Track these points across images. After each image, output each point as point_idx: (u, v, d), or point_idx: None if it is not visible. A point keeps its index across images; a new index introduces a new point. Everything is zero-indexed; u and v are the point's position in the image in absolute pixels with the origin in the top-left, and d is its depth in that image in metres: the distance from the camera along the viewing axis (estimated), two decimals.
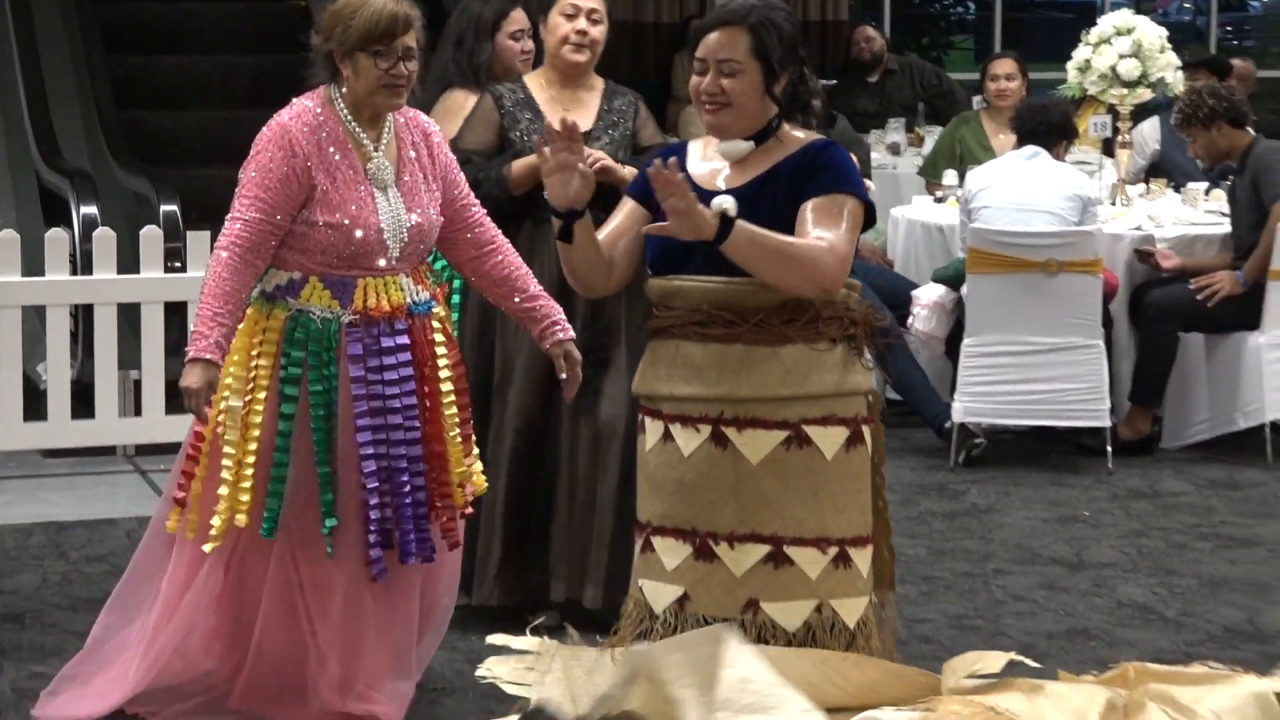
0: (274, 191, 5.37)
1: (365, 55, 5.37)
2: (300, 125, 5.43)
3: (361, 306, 5.41)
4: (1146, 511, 8.15)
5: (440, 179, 5.59)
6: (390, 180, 5.47)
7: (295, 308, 5.41)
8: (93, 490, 8.26)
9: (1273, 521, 7.98)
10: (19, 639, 6.32)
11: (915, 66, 13.56)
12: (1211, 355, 9.08)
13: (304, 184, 5.38)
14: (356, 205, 5.39)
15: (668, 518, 4.77)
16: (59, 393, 8.50)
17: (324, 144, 5.42)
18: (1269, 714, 4.39)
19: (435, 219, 5.53)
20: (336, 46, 5.43)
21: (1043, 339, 8.67)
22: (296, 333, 5.40)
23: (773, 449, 4.71)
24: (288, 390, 5.38)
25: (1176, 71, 9.71)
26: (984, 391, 8.76)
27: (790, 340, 4.71)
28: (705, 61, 4.78)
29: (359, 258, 5.41)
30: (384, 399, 5.39)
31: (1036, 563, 7.40)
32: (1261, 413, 8.87)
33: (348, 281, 5.42)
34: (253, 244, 5.33)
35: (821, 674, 4.53)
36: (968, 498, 8.37)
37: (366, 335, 5.41)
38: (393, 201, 5.45)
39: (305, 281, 5.43)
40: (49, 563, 7.19)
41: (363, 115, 5.48)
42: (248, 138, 11.77)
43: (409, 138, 5.56)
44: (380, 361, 5.40)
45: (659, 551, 4.78)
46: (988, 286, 8.73)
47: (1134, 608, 6.85)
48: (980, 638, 6.47)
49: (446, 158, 5.65)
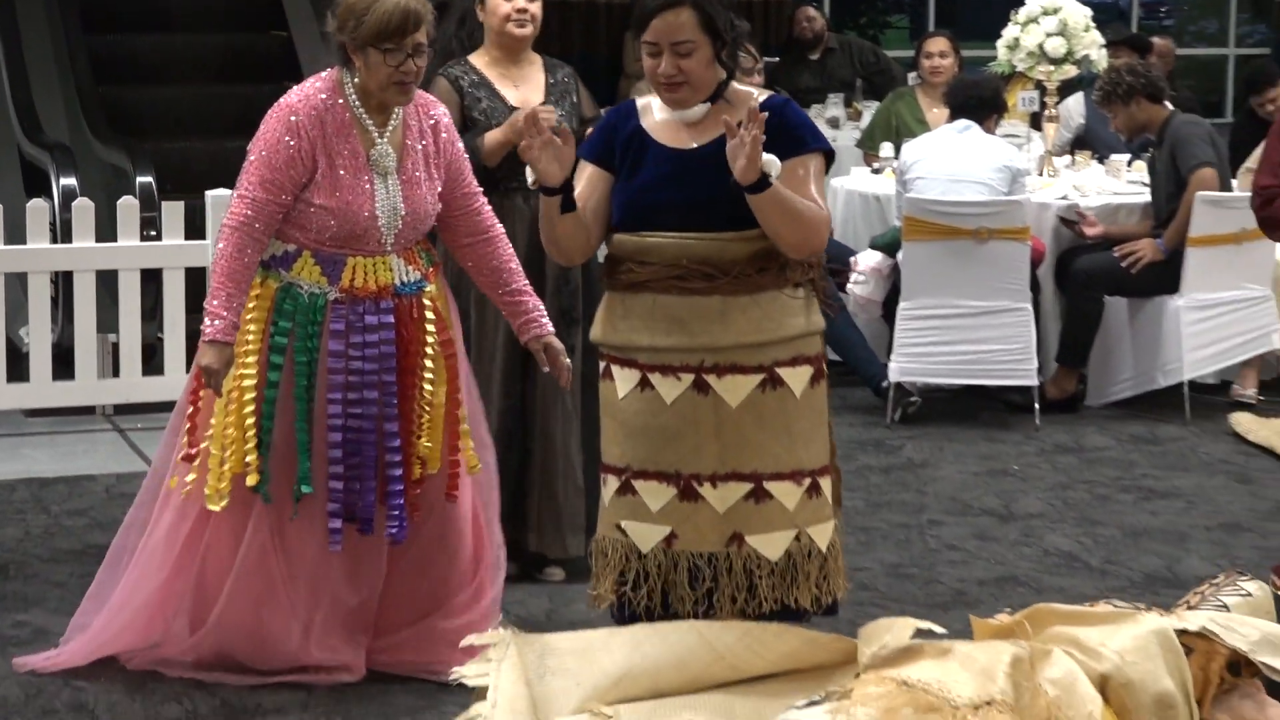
0: (279, 171, 5.27)
1: (376, 51, 5.22)
2: (308, 108, 5.31)
3: (349, 285, 5.33)
4: (1072, 465, 8.14)
5: (444, 167, 5.47)
6: (392, 168, 5.36)
7: (286, 280, 5.35)
8: (73, 448, 8.20)
9: (1190, 474, 7.98)
10: (3, 589, 6.30)
11: (854, 45, 13.55)
12: (1133, 318, 9.08)
13: (307, 166, 5.29)
14: (354, 191, 5.30)
15: (650, 461, 4.75)
16: (40, 355, 8.50)
17: (329, 128, 5.31)
18: (1169, 650, 4.32)
19: (432, 207, 5.43)
20: (349, 39, 5.26)
21: (974, 303, 8.66)
22: (285, 304, 5.34)
23: (750, 392, 4.74)
24: (274, 359, 5.33)
25: (1100, 49, 9.77)
26: (919, 352, 8.74)
27: (764, 288, 4.74)
28: (658, 45, 4.70)
29: (351, 239, 5.33)
30: (361, 374, 5.32)
31: (968, 514, 7.39)
32: (1180, 371, 8.87)
33: (338, 259, 5.34)
34: (258, 222, 5.26)
35: (745, 645, 4.50)
36: (903, 453, 8.34)
37: (351, 313, 5.33)
38: (391, 189, 5.35)
39: (299, 255, 5.35)
40: (31, 517, 7.17)
41: (371, 103, 5.35)
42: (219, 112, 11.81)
43: (416, 125, 5.44)
44: (363, 339, 5.33)
45: (641, 494, 4.76)
46: (922, 253, 8.69)
47: (1060, 556, 6.85)
48: (915, 585, 6.48)
49: (453, 147, 5.52)
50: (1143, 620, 4.40)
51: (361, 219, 5.30)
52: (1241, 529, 7.15)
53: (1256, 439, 8.42)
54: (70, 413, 8.58)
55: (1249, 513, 7.38)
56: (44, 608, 6.09)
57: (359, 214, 5.30)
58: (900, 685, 4.14)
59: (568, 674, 4.47)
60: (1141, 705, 4.25)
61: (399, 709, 5.24)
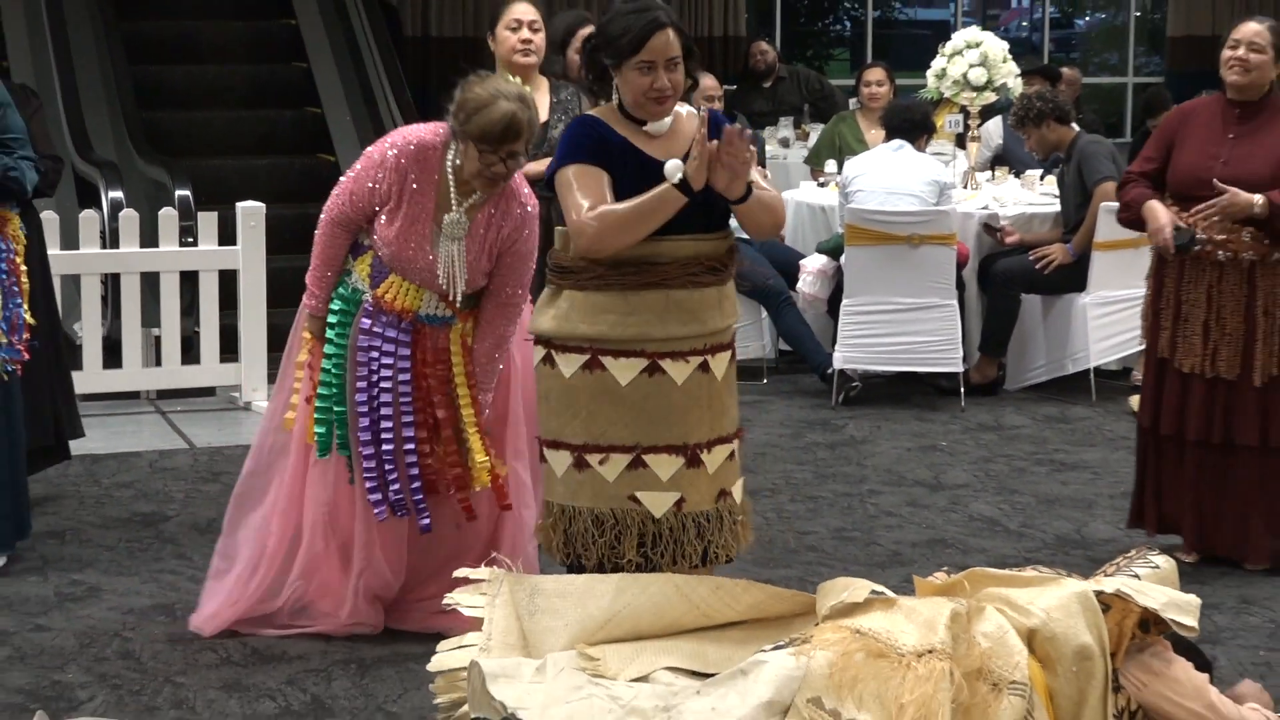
0: (361, 190, 5.24)
1: (475, 147, 5.07)
2: (411, 148, 5.20)
3: (380, 294, 5.28)
4: (993, 441, 8.11)
5: (498, 254, 5.28)
6: (461, 236, 5.22)
7: (349, 266, 5.36)
8: (120, 428, 8.16)
9: (1096, 449, 7.96)
10: (60, 552, 6.27)
11: (801, 74, 13.52)
12: (1046, 313, 9.07)
13: (382, 197, 5.22)
14: (406, 237, 5.21)
15: (660, 437, 4.66)
16: (92, 347, 8.49)
17: (417, 174, 5.19)
18: (1089, 610, 4.30)
19: (477, 284, 5.29)
20: (457, 127, 5.12)
21: (907, 300, 8.63)
22: (341, 289, 5.35)
23: (727, 365, 4.76)
24: (330, 334, 5.34)
25: (1016, 78, 9.74)
26: (859, 343, 8.71)
27: (731, 276, 4.77)
28: (654, 63, 4.62)
29: (404, 269, 5.26)
30: (375, 373, 5.27)
31: (903, 484, 7.37)
32: (1087, 359, 8.85)
33: (385, 271, 5.29)
34: (342, 221, 5.31)
35: (717, 596, 4.48)
36: (846, 431, 8.30)
37: (376, 318, 5.28)
38: (458, 254, 5.22)
39: (366, 251, 5.34)
40: (84, 488, 7.13)
41: (458, 180, 5.22)
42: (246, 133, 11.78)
43: (493, 211, 5.25)
44: (380, 345, 5.28)
45: (651, 466, 4.66)
46: (862, 256, 8.65)
47: (983, 521, 6.82)
48: (857, 547, 6.45)
49: (520, 241, 5.30)
50: (1066, 584, 4.38)
51: (406, 263, 5.22)
52: None
53: None
54: (118, 397, 8.56)
55: None
56: (96, 568, 6.07)
57: (406, 259, 5.21)
58: (854, 634, 4.11)
59: (556, 614, 4.44)
60: (1064, 656, 4.24)
61: (407, 654, 5.20)
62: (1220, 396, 6.02)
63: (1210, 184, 5.90)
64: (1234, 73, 6.01)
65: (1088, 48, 20.22)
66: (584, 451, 4.66)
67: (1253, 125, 6.01)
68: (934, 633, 4.10)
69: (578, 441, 4.66)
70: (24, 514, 6.18)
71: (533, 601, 4.48)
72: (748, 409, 8.40)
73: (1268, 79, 6.03)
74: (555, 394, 4.67)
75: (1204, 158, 6.00)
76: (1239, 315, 5.97)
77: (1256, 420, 6.02)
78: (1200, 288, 6.00)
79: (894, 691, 3.97)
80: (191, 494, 7.02)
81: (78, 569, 6.05)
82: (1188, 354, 6.02)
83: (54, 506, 6.79)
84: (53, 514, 6.69)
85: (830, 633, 4.13)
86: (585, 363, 4.64)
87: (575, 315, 4.62)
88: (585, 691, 4.15)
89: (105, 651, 5.27)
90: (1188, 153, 6.05)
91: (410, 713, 4.81)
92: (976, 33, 9.84)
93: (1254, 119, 6.02)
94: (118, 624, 5.51)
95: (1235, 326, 5.97)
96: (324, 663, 5.19)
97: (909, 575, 4.87)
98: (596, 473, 4.64)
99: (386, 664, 5.17)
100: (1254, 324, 5.97)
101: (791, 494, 7.15)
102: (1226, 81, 6.05)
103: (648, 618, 4.41)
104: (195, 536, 6.43)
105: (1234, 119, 6.04)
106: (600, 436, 4.64)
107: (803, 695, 3.95)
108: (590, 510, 4.66)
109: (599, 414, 4.63)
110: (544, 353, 4.69)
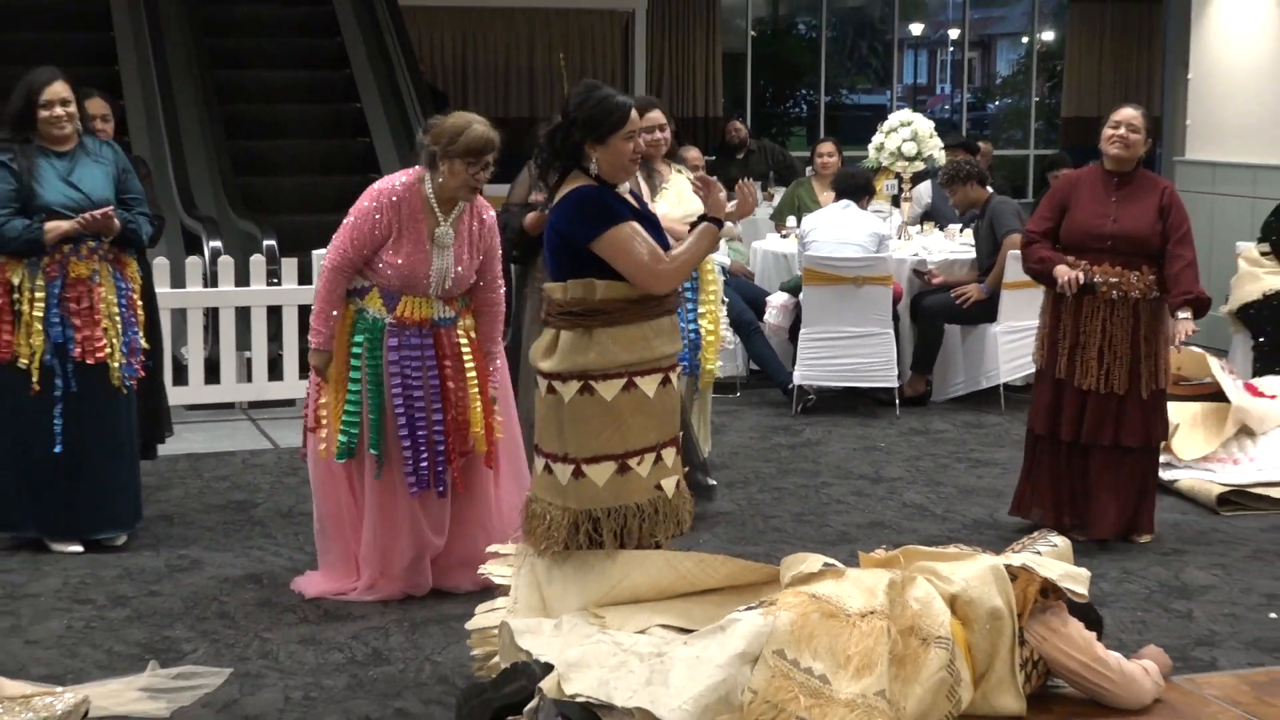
0: (363, 235, 5.23)
1: (461, 162, 5.15)
2: (392, 193, 5.23)
3: (400, 314, 5.29)
4: (922, 443, 8.08)
5: (482, 252, 5.40)
6: (449, 244, 5.28)
7: (360, 305, 5.30)
8: (218, 432, 8.14)
9: (1004, 449, 7.92)
10: (170, 532, 6.26)
11: (767, 147, 13.48)
12: (965, 339, 9.03)
13: (383, 234, 5.23)
14: (415, 258, 5.24)
15: (668, 434, 4.58)
16: (196, 367, 8.48)
17: (405, 210, 5.23)
18: (1000, 579, 4.31)
19: (469, 279, 5.38)
20: (441, 150, 5.16)
21: (853, 329, 8.58)
22: (360, 323, 5.30)
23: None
24: (354, 363, 5.29)
25: (941, 150, 9.74)
26: (814, 363, 8.66)
27: None
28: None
29: (408, 286, 5.28)
30: (410, 378, 5.28)
31: (849, 478, 7.32)
32: (997, 377, 8.81)
33: (396, 296, 5.29)
34: (343, 265, 5.27)
35: (700, 568, 4.48)
36: (804, 434, 8.26)
37: (401, 334, 5.28)
38: (446, 260, 5.28)
39: (370, 289, 5.30)
40: (189, 481, 7.11)
41: (444, 197, 5.26)
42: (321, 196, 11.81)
43: (470, 220, 5.35)
44: (409, 354, 5.29)
45: (664, 459, 4.57)
46: (816, 294, 8.62)
47: (914, 507, 6.79)
48: (812, 528, 6.42)
49: (493, 238, 5.43)
50: (981, 558, 4.40)
51: (418, 277, 5.26)
52: None
53: None
54: (217, 408, 8.52)
55: None
56: (199, 545, 6.06)
57: (417, 273, 5.25)
58: (810, 598, 4.12)
59: (569, 582, 4.45)
60: (979, 617, 4.25)
61: (450, 614, 5.19)
62: (1110, 408, 6.02)
63: (1100, 237, 5.95)
64: (1115, 147, 6.02)
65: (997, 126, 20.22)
66: (625, 458, 4.48)
67: (1129, 190, 6.03)
68: (875, 597, 4.11)
69: (619, 451, 4.47)
70: (139, 501, 6.18)
71: (550, 572, 4.48)
72: (724, 417, 8.45)
73: (1139, 153, 6.05)
74: (595, 417, 4.44)
75: (1095, 216, 6.01)
76: (1127, 342, 5.97)
77: (1140, 425, 6.02)
78: (1096, 320, 5.99)
79: (843, 645, 3.98)
80: (276, 486, 7.00)
81: (184, 545, 6.05)
82: (1085, 374, 6.00)
83: (164, 495, 6.79)
84: (164, 501, 6.69)
85: (791, 597, 4.14)
86: (624, 385, 4.47)
87: (615, 347, 4.44)
88: (595, 639, 4.17)
89: (206, 612, 5.27)
90: (1080, 212, 6.05)
91: (452, 662, 4.80)
92: (908, 114, 9.85)
93: (1129, 185, 6.04)
94: (216, 590, 5.50)
95: (1124, 351, 5.98)
96: (382, 621, 5.18)
97: (854, 551, 4.85)
98: (635, 473, 4.49)
99: (433, 623, 5.16)
100: (1138, 348, 5.98)
101: (759, 486, 7.12)
102: (1108, 154, 6.05)
103: (644, 585, 4.44)
104: (279, 520, 6.42)
105: (1114, 185, 6.04)
106: (637, 443, 4.49)
107: (769, 647, 3.97)
108: (636, 505, 4.50)
109: (635, 425, 4.47)
110: (579, 385, 4.42)
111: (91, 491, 5.91)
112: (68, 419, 5.80)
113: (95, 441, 5.88)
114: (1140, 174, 6.06)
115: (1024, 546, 4.56)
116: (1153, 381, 5.99)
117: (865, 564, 4.48)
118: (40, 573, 5.69)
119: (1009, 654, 4.26)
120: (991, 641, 4.24)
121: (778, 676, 3.91)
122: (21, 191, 5.70)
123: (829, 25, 18.14)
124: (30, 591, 5.49)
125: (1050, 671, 4.41)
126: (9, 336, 5.75)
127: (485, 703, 4.11)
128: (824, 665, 3.94)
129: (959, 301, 8.80)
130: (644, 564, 4.45)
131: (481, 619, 4.50)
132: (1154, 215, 5.95)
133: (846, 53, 20.03)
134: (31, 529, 5.94)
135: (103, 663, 4.79)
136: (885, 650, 3.98)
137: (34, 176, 5.72)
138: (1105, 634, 4.57)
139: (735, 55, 17.26)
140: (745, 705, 3.87)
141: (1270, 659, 4.89)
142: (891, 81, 18.61)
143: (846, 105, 19.58)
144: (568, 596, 4.43)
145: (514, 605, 4.42)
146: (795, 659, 3.94)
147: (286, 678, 4.68)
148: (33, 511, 5.91)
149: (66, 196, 5.75)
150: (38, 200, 5.71)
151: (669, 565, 4.46)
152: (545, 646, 4.17)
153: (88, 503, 5.91)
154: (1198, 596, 5.51)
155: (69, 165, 5.81)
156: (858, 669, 3.93)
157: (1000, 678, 4.25)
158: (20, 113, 5.74)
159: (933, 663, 4.09)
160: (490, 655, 4.42)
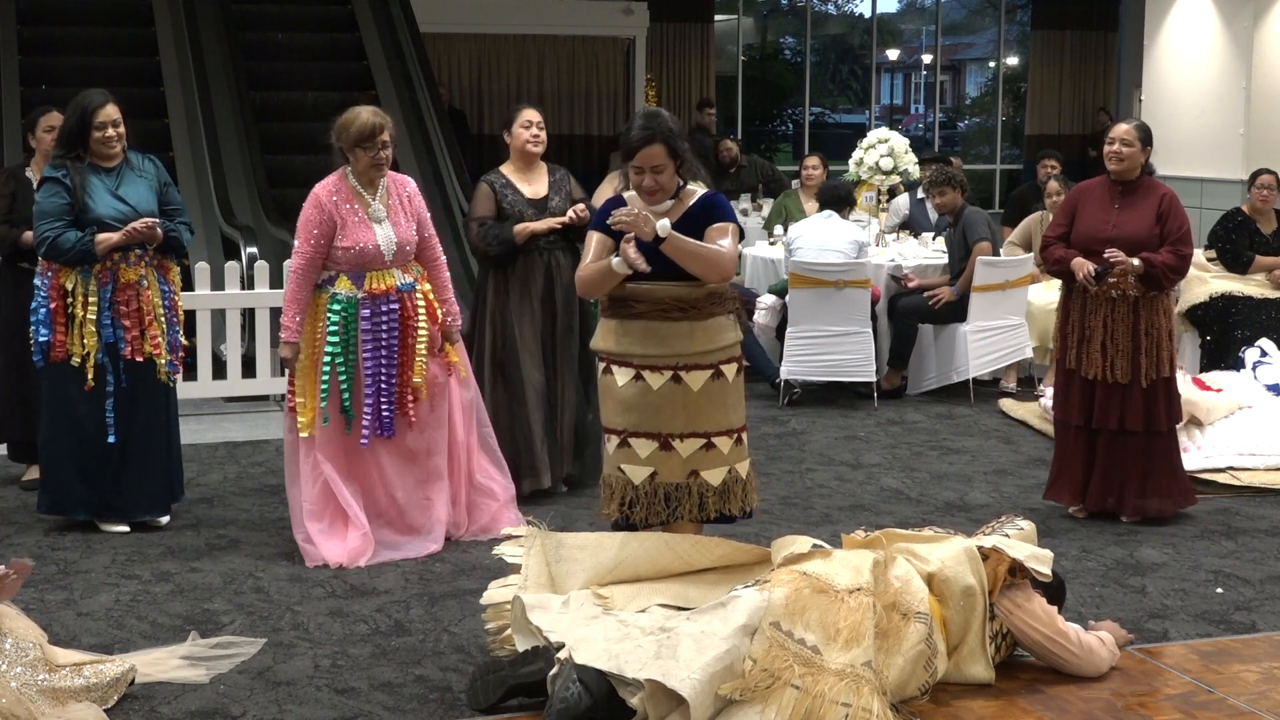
0: (314, 233, 5.48)
1: (360, 149, 5.48)
2: (326, 193, 5.53)
3: (369, 288, 5.51)
4: (898, 432, 8.05)
5: (414, 217, 5.63)
6: (384, 217, 5.54)
7: (332, 292, 5.50)
8: (254, 422, 8.11)
9: (974, 438, 7.89)
10: (209, 513, 6.25)
11: (757, 163, 13.43)
12: (937, 338, 9.00)
13: (330, 226, 5.49)
14: (360, 233, 5.49)
15: (640, 425, 4.64)
16: (234, 362, 8.42)
17: (339, 202, 5.51)
18: (973, 559, 4.31)
19: (412, 239, 5.60)
20: (345, 145, 5.52)
21: (835, 328, 8.55)
22: (333, 305, 5.49)
23: (704, 381, 4.64)
24: (330, 337, 5.48)
25: (915, 165, 9.72)
26: (800, 359, 8.63)
27: (713, 315, 4.65)
28: (642, 169, 4.63)
29: (366, 263, 5.50)
30: (381, 339, 5.49)
31: (832, 464, 7.30)
32: (967, 372, 8.76)
33: (361, 275, 5.51)
34: (306, 266, 5.50)
35: (696, 550, 4.49)
36: (790, 425, 8.24)
37: (373, 305, 5.49)
38: (387, 230, 5.52)
39: (337, 277, 5.52)
40: (227, 466, 7.10)
41: (364, 181, 5.56)
42: None
43: (396, 192, 5.62)
44: (382, 320, 5.51)
45: (634, 447, 4.65)
46: (802, 296, 8.59)
47: (891, 491, 6.76)
48: (798, 510, 6.40)
49: (420, 205, 5.66)
50: (955, 540, 4.39)
51: (370, 252, 5.46)
52: (1007, 474, 7.06)
53: (1016, 415, 8.34)
54: (253, 399, 8.49)
55: (1011, 462, 7.30)
56: (236, 525, 6.05)
57: (368, 249, 5.46)
58: (802, 575, 4.11)
59: (575, 561, 4.45)
60: (954, 594, 4.25)
61: (466, 589, 5.16)
62: (1116, 395, 6.03)
63: (1103, 240, 6.01)
64: (1113, 161, 6.07)
65: (967, 143, 20.23)
66: (606, 434, 4.74)
67: (1131, 198, 6.07)
68: (861, 575, 4.10)
69: (604, 426, 4.75)
70: (182, 485, 6.16)
71: (558, 552, 4.48)
72: None
73: (1139, 164, 6.06)
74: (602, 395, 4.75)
75: (1098, 222, 6.07)
76: (1128, 335, 6.00)
77: (1141, 411, 6.04)
78: (1099, 316, 6.02)
79: (832, 618, 3.97)
80: None
81: (222, 525, 6.04)
82: (1091, 365, 6.04)
83: (205, 479, 6.77)
84: (204, 485, 6.67)
85: (784, 575, 4.14)
86: (604, 368, 4.72)
87: (601, 333, 4.70)
88: (599, 619, 4.16)
89: (242, 587, 5.25)
90: (1086, 219, 6.11)
91: (468, 633, 4.77)
92: (886, 132, 9.82)
93: (1132, 194, 6.07)
94: (252, 566, 5.48)
95: (1126, 344, 6.00)
96: (404, 595, 5.15)
97: (837, 532, 4.84)
98: (605, 447, 4.73)
99: (450, 597, 5.13)
100: (1139, 341, 6.01)
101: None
102: (1109, 168, 6.10)
103: (644, 565, 4.44)
104: None
105: (1117, 194, 6.09)
106: (607, 421, 4.73)
107: (766, 620, 3.96)
108: (605, 475, 4.76)
109: (606, 406, 4.71)
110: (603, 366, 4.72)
111: (138, 477, 5.90)
112: (118, 411, 5.80)
113: (142, 431, 5.88)
114: (1143, 182, 6.09)
115: (994, 529, 4.55)
116: (1153, 371, 6.02)
117: (848, 545, 4.46)
118: (91, 551, 5.68)
119: (980, 628, 4.25)
120: (965, 616, 4.24)
121: (774, 647, 3.89)
122: (74, 205, 5.72)
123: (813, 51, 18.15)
124: (82, 568, 5.47)
125: (1017, 643, 4.39)
126: (63, 337, 5.76)
127: (501, 679, 4.10)
128: (815, 637, 3.92)
129: (932, 303, 8.77)
130: (644, 545, 4.45)
131: (495, 594, 4.48)
132: (1152, 219, 6.01)
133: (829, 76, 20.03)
134: (82, 513, 5.92)
135: (147, 633, 4.77)
136: (871, 624, 3.96)
137: (86, 191, 5.75)
138: (1066, 608, 4.56)
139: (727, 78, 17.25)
140: (746, 673, 3.86)
141: (1217, 630, 4.86)
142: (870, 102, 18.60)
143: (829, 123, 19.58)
144: (574, 574, 4.44)
145: (524, 582, 4.42)
146: (789, 630, 3.93)
147: (316, 647, 4.66)
148: (85, 498, 5.89)
149: (115, 209, 5.76)
150: (89, 213, 5.73)
151: (667, 547, 4.47)
152: (554, 622, 4.16)
153: (135, 487, 5.90)
154: (1150, 573, 5.48)
155: (116, 180, 5.82)
156: (846, 641, 3.92)
157: (972, 649, 4.25)
158: (74, 132, 5.77)
159: (913, 636, 4.08)
160: (503, 628, 4.40)
